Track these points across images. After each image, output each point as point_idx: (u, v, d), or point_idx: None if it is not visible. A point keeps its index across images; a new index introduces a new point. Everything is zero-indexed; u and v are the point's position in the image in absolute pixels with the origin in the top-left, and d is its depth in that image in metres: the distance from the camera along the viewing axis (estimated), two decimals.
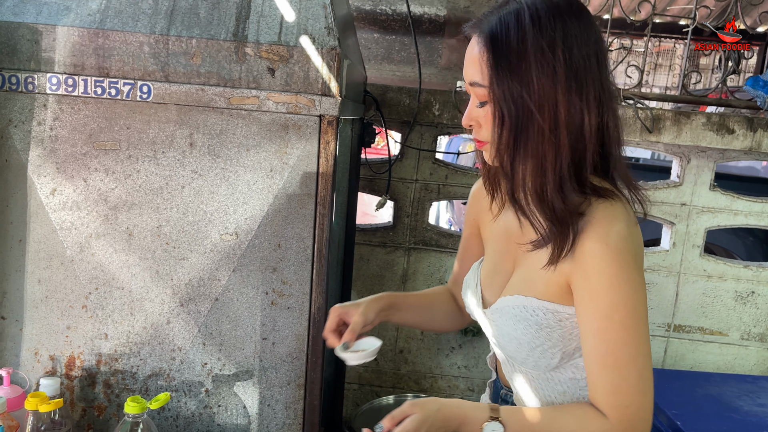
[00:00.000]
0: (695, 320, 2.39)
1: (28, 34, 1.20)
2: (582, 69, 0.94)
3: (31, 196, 1.25)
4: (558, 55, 0.93)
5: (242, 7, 1.24)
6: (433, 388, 2.43)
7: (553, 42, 0.93)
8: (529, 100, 0.93)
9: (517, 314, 1.06)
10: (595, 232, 0.95)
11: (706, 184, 2.32)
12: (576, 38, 0.94)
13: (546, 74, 0.93)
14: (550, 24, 0.93)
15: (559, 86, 0.93)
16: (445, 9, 2.34)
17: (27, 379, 1.30)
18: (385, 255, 2.33)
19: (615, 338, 0.95)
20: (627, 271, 0.95)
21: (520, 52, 0.93)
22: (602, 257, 0.94)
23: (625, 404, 0.95)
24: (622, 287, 0.95)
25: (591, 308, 0.97)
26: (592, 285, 0.96)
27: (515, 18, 0.95)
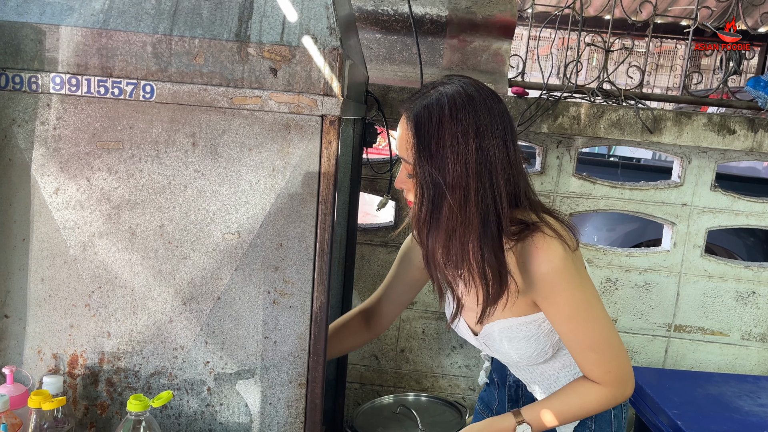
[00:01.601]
0: (696, 320, 2.40)
1: (31, 33, 1.20)
2: (492, 155, 1.10)
3: (34, 195, 1.26)
4: (470, 145, 1.08)
5: (245, 8, 1.24)
6: (434, 388, 2.44)
7: (466, 132, 1.08)
8: (442, 182, 1.09)
9: (507, 335, 1.27)
10: (540, 260, 1.15)
11: (707, 185, 2.32)
12: (487, 128, 1.10)
13: (459, 161, 1.08)
14: (465, 116, 1.09)
15: (471, 172, 1.09)
16: (446, 9, 2.34)
17: (30, 377, 1.30)
18: (386, 255, 2.34)
19: (584, 330, 1.20)
20: (573, 278, 1.17)
21: (438, 140, 1.09)
22: (552, 277, 1.16)
23: (608, 370, 1.21)
24: (575, 293, 1.18)
25: (558, 315, 1.20)
26: (552, 300, 1.19)
27: (437, 108, 1.10)
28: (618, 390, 1.22)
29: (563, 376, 1.34)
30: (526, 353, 1.28)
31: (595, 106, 2.21)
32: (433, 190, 1.10)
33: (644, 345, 2.42)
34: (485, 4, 2.32)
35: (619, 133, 2.22)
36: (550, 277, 1.15)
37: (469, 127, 1.09)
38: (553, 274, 1.15)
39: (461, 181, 1.08)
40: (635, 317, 2.40)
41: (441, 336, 2.40)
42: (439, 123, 1.09)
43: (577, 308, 1.18)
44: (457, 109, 1.09)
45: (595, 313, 1.20)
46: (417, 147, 1.10)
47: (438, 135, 1.09)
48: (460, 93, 1.11)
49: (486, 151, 1.09)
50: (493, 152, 1.10)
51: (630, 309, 2.40)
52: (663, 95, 3.04)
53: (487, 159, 1.09)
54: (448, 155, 1.08)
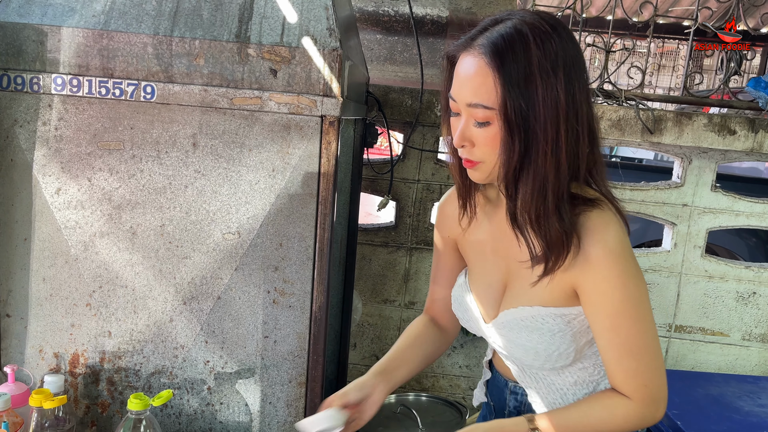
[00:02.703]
0: (696, 321, 2.40)
1: (33, 35, 1.21)
2: (578, 92, 0.97)
3: (36, 195, 1.26)
4: (560, 78, 0.95)
5: (245, 9, 1.25)
6: (435, 388, 2.44)
7: (555, 63, 0.94)
8: (534, 121, 0.95)
9: (529, 325, 1.09)
10: (595, 239, 1.00)
11: (707, 185, 2.32)
12: (573, 61, 0.97)
13: (550, 96, 0.94)
14: (552, 46, 0.95)
15: (561, 108, 0.95)
16: (447, 10, 2.35)
17: (31, 376, 1.31)
18: (387, 255, 2.34)
19: (628, 331, 1.02)
20: (629, 268, 1.01)
21: (526, 73, 0.94)
22: (606, 261, 1.00)
23: (644, 384, 1.04)
24: (628, 284, 1.01)
25: (603, 308, 1.02)
26: (602, 287, 1.01)
27: (519, 37, 0.95)
28: (649, 409, 1.05)
29: (572, 394, 1.16)
30: (545, 351, 1.09)
31: (595, 107, 2.21)
32: (524, 130, 0.95)
33: None
34: (486, 4, 2.33)
35: (619, 134, 2.22)
36: (605, 260, 1.00)
37: (557, 57, 0.95)
38: (608, 257, 1.00)
39: (553, 119, 0.94)
40: None
41: None
42: (525, 52, 0.94)
43: (626, 303, 1.01)
44: (542, 38, 0.94)
45: (644, 313, 1.03)
46: (504, 81, 0.94)
47: (526, 66, 0.93)
48: (541, 21, 0.97)
49: (573, 87, 0.96)
50: (578, 87, 0.97)
51: None
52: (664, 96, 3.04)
53: (575, 96, 0.96)
54: (538, 90, 0.93)
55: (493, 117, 0.97)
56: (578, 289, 1.05)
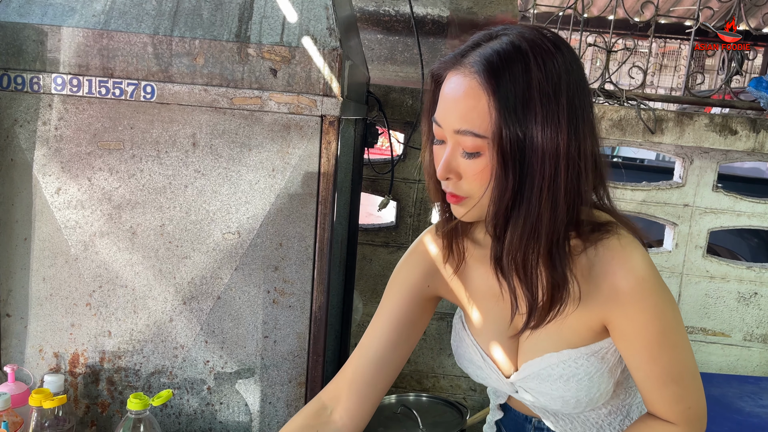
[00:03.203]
0: (698, 321, 2.39)
1: (33, 35, 1.21)
2: (581, 119, 0.84)
3: (36, 195, 1.26)
4: (563, 104, 0.82)
5: (245, 8, 1.25)
6: (436, 388, 2.44)
7: (558, 87, 0.82)
8: (532, 154, 0.82)
9: (562, 373, 0.98)
10: (622, 269, 0.90)
11: (708, 185, 2.32)
12: (577, 85, 0.85)
13: (551, 126, 0.81)
14: (555, 67, 0.82)
15: (562, 140, 0.82)
16: (448, 10, 2.35)
17: (31, 375, 1.31)
18: (387, 255, 2.34)
19: (668, 359, 0.94)
20: (661, 294, 0.92)
21: (525, 99, 0.81)
22: (640, 292, 0.90)
23: (688, 406, 0.96)
24: (664, 312, 0.92)
25: (640, 340, 0.93)
26: (638, 321, 0.92)
27: (518, 55, 0.82)
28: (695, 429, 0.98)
29: (608, 424, 1.07)
30: (587, 396, 0.98)
31: (597, 107, 2.21)
32: (520, 163, 0.82)
33: None
34: (486, 4, 2.33)
35: (620, 134, 2.22)
36: (636, 292, 0.90)
37: (560, 80, 0.82)
38: (639, 288, 0.89)
39: (552, 151, 0.81)
40: None
41: (442, 336, 2.40)
42: (525, 73, 0.81)
43: (664, 332, 0.92)
44: (543, 57, 0.82)
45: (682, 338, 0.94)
46: (500, 105, 0.80)
47: (525, 89, 0.80)
48: (541, 38, 0.84)
49: (577, 114, 0.83)
50: (582, 116, 0.84)
51: None
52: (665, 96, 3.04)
53: (578, 126, 0.83)
54: (537, 118, 0.80)
55: (485, 147, 0.83)
56: (610, 324, 0.94)
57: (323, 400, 1.06)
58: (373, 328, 1.07)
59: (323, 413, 1.04)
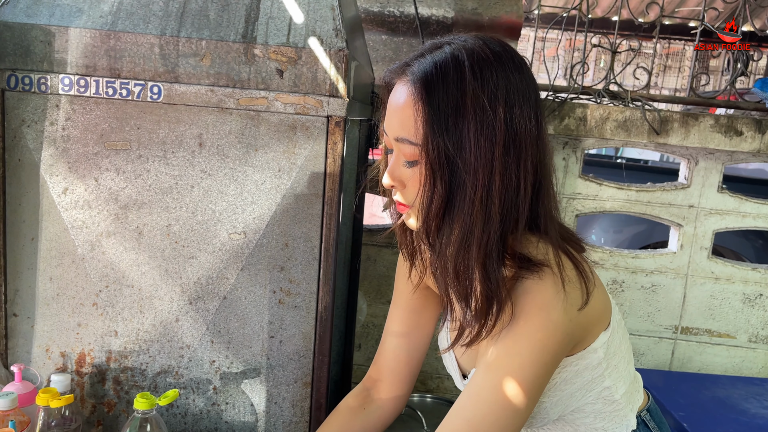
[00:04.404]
0: (703, 322, 2.39)
1: (41, 35, 1.22)
2: (522, 131, 0.83)
3: (43, 195, 1.27)
4: (499, 115, 0.81)
5: (251, 9, 1.25)
6: (440, 389, 2.44)
7: (495, 98, 0.81)
8: (462, 165, 0.81)
9: None
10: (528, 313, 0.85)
11: (714, 186, 2.31)
12: (518, 96, 0.83)
13: (485, 137, 0.81)
14: (493, 77, 0.82)
15: (497, 151, 0.81)
16: (452, 11, 2.35)
17: (38, 375, 1.31)
18: (392, 255, 2.34)
19: (490, 414, 0.85)
20: (542, 356, 0.85)
21: (458, 108, 0.81)
22: (526, 336, 0.85)
23: None
24: (527, 369, 0.85)
25: (489, 373, 0.87)
26: (501, 353, 0.86)
27: (454, 66, 0.82)
28: None
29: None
30: None
31: (601, 108, 2.21)
32: (449, 174, 0.82)
33: (651, 347, 2.41)
34: (491, 5, 2.33)
35: (625, 135, 2.22)
36: (515, 334, 0.85)
37: (498, 90, 0.81)
38: (521, 334, 0.85)
39: (486, 162, 0.81)
40: (642, 319, 2.39)
41: None
42: (458, 84, 0.81)
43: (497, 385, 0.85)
44: (481, 67, 0.81)
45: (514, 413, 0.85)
46: (429, 117, 0.81)
47: (457, 100, 0.81)
48: (483, 48, 0.83)
49: (516, 126, 0.82)
50: (523, 128, 0.83)
51: (636, 311, 2.39)
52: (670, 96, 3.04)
53: (517, 136, 0.82)
54: (470, 128, 0.80)
55: (419, 155, 0.84)
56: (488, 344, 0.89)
57: (366, 385, 1.19)
58: (389, 316, 1.17)
59: (368, 395, 1.17)
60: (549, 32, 2.55)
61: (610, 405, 1.00)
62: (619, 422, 1.03)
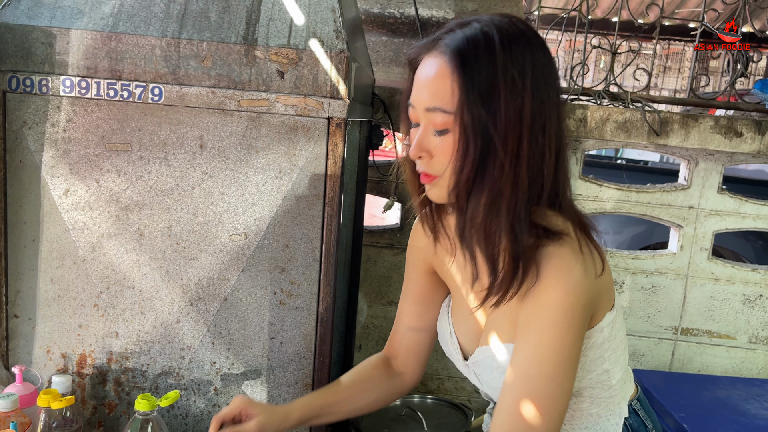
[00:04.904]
0: (703, 323, 2.39)
1: (42, 37, 1.22)
2: (546, 102, 0.89)
3: (44, 197, 1.27)
4: (527, 86, 0.87)
5: (252, 11, 1.26)
6: (440, 390, 2.44)
7: (523, 70, 0.87)
8: (494, 131, 0.86)
9: (498, 366, 1.00)
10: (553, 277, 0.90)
11: (714, 187, 2.31)
12: (542, 70, 0.89)
13: (514, 105, 0.87)
14: (520, 51, 0.88)
15: (525, 119, 0.87)
16: (453, 12, 2.35)
17: (39, 376, 1.31)
18: (392, 257, 2.34)
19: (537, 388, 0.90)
20: (573, 320, 0.90)
21: (490, 78, 0.86)
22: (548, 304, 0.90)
23: None
24: (559, 338, 0.90)
25: (529, 350, 0.91)
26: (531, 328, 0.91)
27: (485, 40, 0.88)
28: None
29: None
30: None
31: (601, 109, 2.21)
32: (482, 140, 0.86)
33: (651, 348, 2.41)
34: (491, 6, 2.33)
35: (625, 136, 2.22)
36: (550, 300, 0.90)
37: (525, 64, 0.87)
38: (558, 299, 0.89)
39: (515, 130, 0.86)
40: (642, 320, 2.40)
41: None
42: (490, 56, 0.86)
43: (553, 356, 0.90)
44: (510, 42, 0.87)
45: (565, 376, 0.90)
46: (465, 86, 0.86)
47: (489, 71, 0.86)
48: (510, 25, 0.89)
49: (542, 97, 0.88)
50: (547, 98, 0.89)
51: (637, 312, 2.39)
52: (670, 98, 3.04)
53: (542, 107, 0.88)
54: (501, 97, 0.86)
55: (452, 123, 0.89)
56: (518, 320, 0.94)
57: (385, 354, 1.23)
58: (402, 302, 1.21)
59: (389, 363, 1.22)
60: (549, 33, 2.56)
61: (607, 390, 1.04)
62: (613, 409, 1.06)
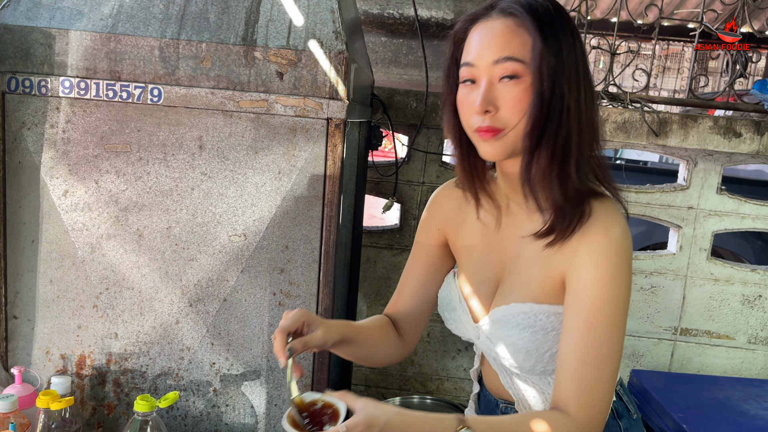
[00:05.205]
0: (702, 324, 2.39)
1: (41, 38, 1.22)
2: (587, 60, 1.00)
3: (43, 198, 1.27)
4: (578, 43, 0.97)
5: (251, 12, 1.26)
6: (440, 390, 2.44)
7: (573, 29, 0.97)
8: (562, 77, 0.94)
9: (521, 322, 1.03)
10: (598, 227, 0.97)
11: (713, 188, 2.31)
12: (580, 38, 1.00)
13: (574, 57, 0.96)
14: (566, 16, 0.99)
15: (580, 69, 0.97)
16: (452, 12, 2.35)
17: (38, 377, 1.31)
18: (391, 257, 2.34)
19: (601, 334, 0.95)
20: (624, 267, 0.96)
21: (555, 32, 0.95)
22: (604, 250, 0.96)
23: (594, 403, 0.95)
24: (618, 282, 0.96)
25: (584, 300, 0.96)
26: (590, 277, 0.96)
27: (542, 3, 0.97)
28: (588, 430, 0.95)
29: None
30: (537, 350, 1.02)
31: (600, 109, 2.21)
32: (553, 85, 0.94)
33: (650, 348, 2.42)
34: None
35: (624, 136, 2.22)
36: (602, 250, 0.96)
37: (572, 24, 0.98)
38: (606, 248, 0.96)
39: (575, 77, 0.96)
40: (641, 320, 2.40)
41: (446, 339, 2.40)
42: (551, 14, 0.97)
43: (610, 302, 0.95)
44: (558, 8, 0.98)
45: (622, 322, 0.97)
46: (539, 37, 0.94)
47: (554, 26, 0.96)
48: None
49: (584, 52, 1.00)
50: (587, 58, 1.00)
51: (636, 312, 2.39)
52: (669, 98, 3.04)
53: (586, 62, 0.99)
54: (564, 47, 0.95)
55: (523, 72, 0.94)
56: (566, 277, 0.99)
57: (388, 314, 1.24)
58: (409, 265, 1.22)
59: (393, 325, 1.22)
60: None
61: None
62: None
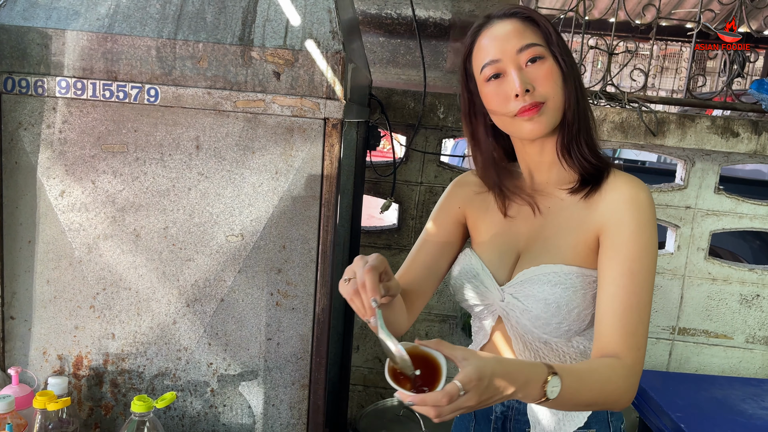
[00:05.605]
0: (700, 323, 2.39)
1: (37, 38, 1.22)
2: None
3: (40, 198, 1.27)
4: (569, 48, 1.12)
5: (248, 12, 1.25)
6: None
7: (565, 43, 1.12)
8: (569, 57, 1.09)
9: (552, 279, 1.08)
10: (629, 184, 1.07)
11: (710, 187, 2.32)
12: None
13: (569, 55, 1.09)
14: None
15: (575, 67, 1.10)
16: (450, 13, 2.35)
17: (35, 378, 1.31)
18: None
19: (641, 281, 1.02)
20: (654, 220, 1.06)
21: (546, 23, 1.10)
22: (639, 205, 1.05)
23: (639, 346, 1.02)
24: (652, 234, 1.05)
25: (624, 251, 1.03)
26: (629, 230, 1.04)
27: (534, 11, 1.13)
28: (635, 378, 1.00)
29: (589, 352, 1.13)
30: (567, 305, 1.06)
31: (598, 109, 2.21)
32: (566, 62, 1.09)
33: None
34: (489, 7, 2.33)
35: (622, 136, 2.22)
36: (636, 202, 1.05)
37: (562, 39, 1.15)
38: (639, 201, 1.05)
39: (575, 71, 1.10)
40: None
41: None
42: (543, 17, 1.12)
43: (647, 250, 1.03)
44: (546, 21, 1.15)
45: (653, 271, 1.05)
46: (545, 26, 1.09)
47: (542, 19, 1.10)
48: None
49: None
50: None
51: None
52: (666, 98, 3.04)
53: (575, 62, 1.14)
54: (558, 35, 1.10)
55: (544, 53, 1.07)
56: (603, 234, 1.06)
57: None
58: (424, 237, 1.25)
59: None
60: None
61: None
62: None
